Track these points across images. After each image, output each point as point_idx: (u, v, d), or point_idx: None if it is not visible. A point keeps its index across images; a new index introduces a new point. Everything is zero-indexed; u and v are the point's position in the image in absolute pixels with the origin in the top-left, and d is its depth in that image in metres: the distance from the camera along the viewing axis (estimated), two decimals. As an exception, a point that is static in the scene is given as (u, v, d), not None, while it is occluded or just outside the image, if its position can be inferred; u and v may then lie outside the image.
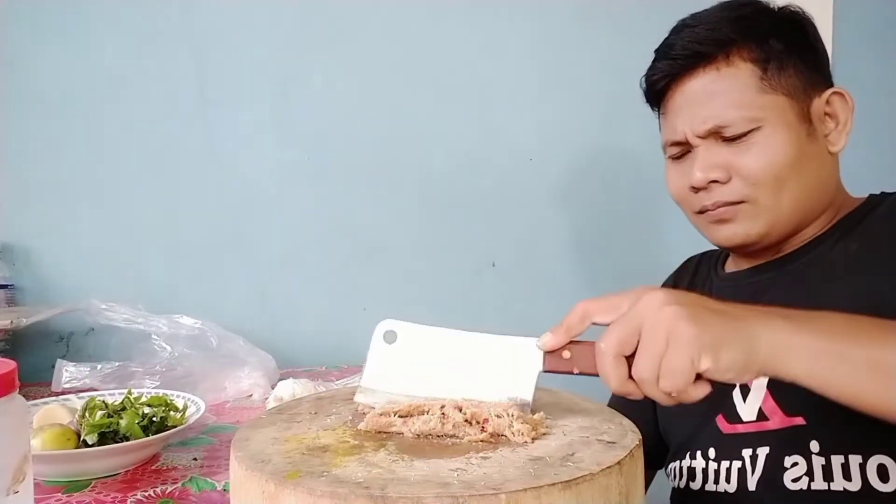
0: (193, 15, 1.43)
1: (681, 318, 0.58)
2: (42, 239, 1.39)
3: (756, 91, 0.86)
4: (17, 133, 1.38)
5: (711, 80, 0.88)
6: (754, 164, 0.85)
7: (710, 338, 0.59)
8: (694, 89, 0.89)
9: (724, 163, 0.87)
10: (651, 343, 0.59)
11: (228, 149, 1.46)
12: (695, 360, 0.58)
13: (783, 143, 0.86)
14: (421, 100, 1.52)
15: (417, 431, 0.62)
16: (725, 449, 0.86)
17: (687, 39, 0.90)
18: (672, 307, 0.59)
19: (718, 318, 0.60)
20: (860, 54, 1.64)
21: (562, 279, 1.55)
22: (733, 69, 0.87)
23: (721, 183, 0.87)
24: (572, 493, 0.51)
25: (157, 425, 0.88)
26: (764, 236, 0.88)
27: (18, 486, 0.57)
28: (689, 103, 0.90)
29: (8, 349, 1.24)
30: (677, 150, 0.93)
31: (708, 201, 0.89)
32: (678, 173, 0.94)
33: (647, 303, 0.60)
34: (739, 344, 0.60)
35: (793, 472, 0.79)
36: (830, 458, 0.77)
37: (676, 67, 0.90)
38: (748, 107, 0.86)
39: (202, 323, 1.21)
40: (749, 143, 0.86)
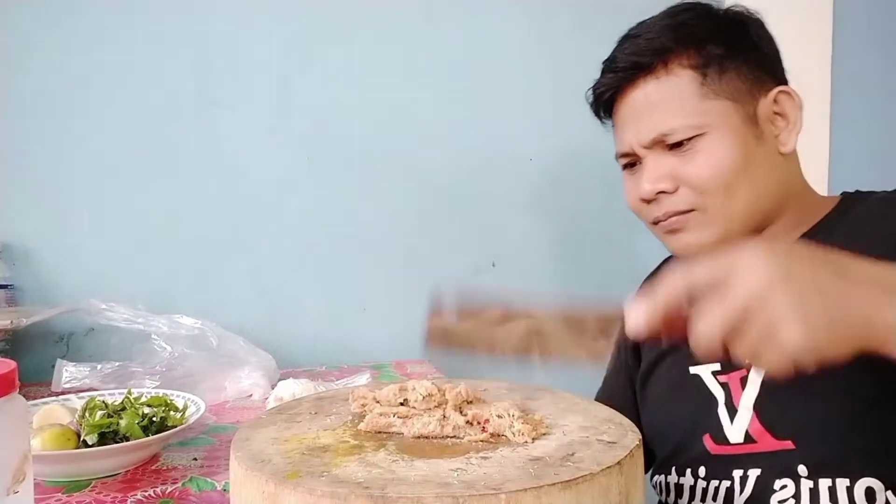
0: (193, 15, 1.43)
1: (789, 317, 0.51)
2: (42, 239, 1.39)
3: (697, 98, 0.86)
4: (17, 133, 1.38)
5: (652, 89, 0.88)
6: (701, 172, 0.85)
7: (817, 341, 0.52)
8: (637, 100, 0.89)
9: (671, 173, 0.86)
10: (753, 333, 0.52)
11: (228, 149, 1.46)
12: (796, 361, 0.52)
13: (729, 148, 0.84)
14: (421, 100, 1.52)
15: (417, 434, 0.62)
16: (715, 469, 0.85)
17: (627, 51, 0.90)
18: (781, 292, 0.51)
19: (831, 303, 0.52)
20: (860, 54, 1.65)
21: (562, 279, 1.55)
22: (673, 77, 0.87)
23: (669, 193, 0.87)
24: (572, 493, 0.51)
25: (157, 425, 0.88)
26: (718, 243, 0.86)
27: (19, 486, 0.57)
28: (633, 114, 0.90)
29: (8, 349, 1.24)
30: (627, 160, 0.93)
31: (658, 212, 0.89)
32: (632, 184, 0.93)
33: (753, 278, 0.52)
34: (848, 336, 0.53)
35: (780, 495, 0.78)
36: (818, 482, 0.76)
37: (618, 80, 0.91)
38: (690, 114, 0.85)
39: (202, 323, 1.21)
40: (694, 150, 0.85)
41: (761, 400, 0.82)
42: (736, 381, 0.85)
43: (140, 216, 1.43)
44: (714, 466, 0.85)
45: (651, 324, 0.57)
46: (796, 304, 0.51)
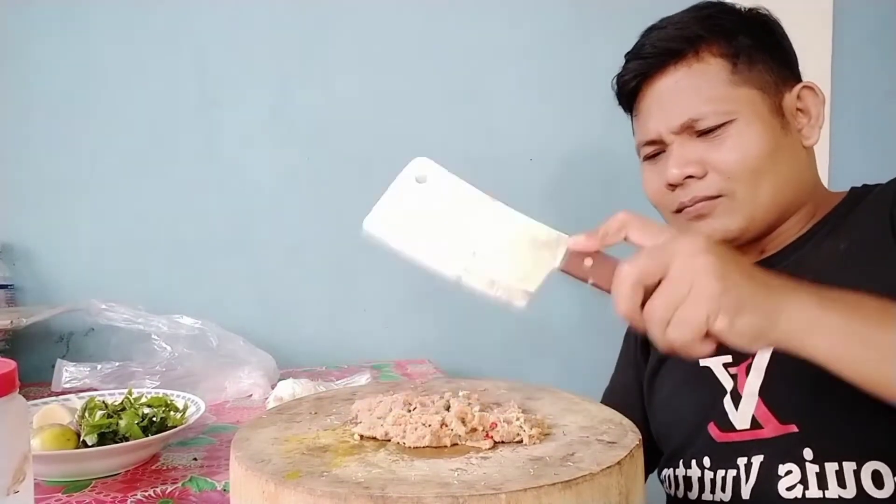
0: (193, 15, 1.43)
1: (710, 272, 0.58)
2: (42, 239, 1.39)
3: (727, 85, 0.87)
4: (17, 133, 1.38)
5: (682, 76, 0.89)
6: (730, 158, 0.85)
7: (733, 299, 0.58)
8: (666, 87, 0.90)
9: (699, 158, 0.87)
10: (673, 286, 0.59)
11: (228, 149, 1.46)
12: (710, 317, 0.58)
13: (757, 135, 0.86)
14: (421, 100, 1.52)
15: (412, 445, 0.60)
16: (720, 457, 0.85)
17: (656, 39, 0.91)
18: (706, 257, 0.59)
19: (747, 281, 0.60)
20: (860, 54, 1.65)
21: (561, 279, 1.55)
22: (703, 65, 0.88)
23: (697, 178, 0.87)
24: (572, 493, 0.51)
25: (157, 425, 0.88)
26: (743, 231, 0.87)
27: (19, 486, 0.57)
28: (661, 101, 0.90)
29: (8, 349, 1.24)
30: (651, 149, 0.93)
31: (685, 198, 0.88)
32: (653, 174, 0.93)
33: (685, 244, 0.60)
34: (760, 311, 0.59)
35: (787, 481, 0.78)
36: (824, 466, 0.76)
37: (647, 66, 0.91)
38: (720, 100, 0.86)
39: (202, 323, 1.21)
40: (723, 136, 0.86)
41: (766, 385, 0.82)
42: (743, 371, 0.85)
43: (140, 216, 1.43)
44: (718, 455, 0.85)
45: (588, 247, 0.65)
46: (719, 267, 0.58)
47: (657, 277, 0.60)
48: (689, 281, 0.58)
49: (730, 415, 0.85)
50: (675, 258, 0.59)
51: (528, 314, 1.42)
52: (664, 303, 0.59)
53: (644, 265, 0.60)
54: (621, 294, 0.61)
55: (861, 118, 1.65)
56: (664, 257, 0.60)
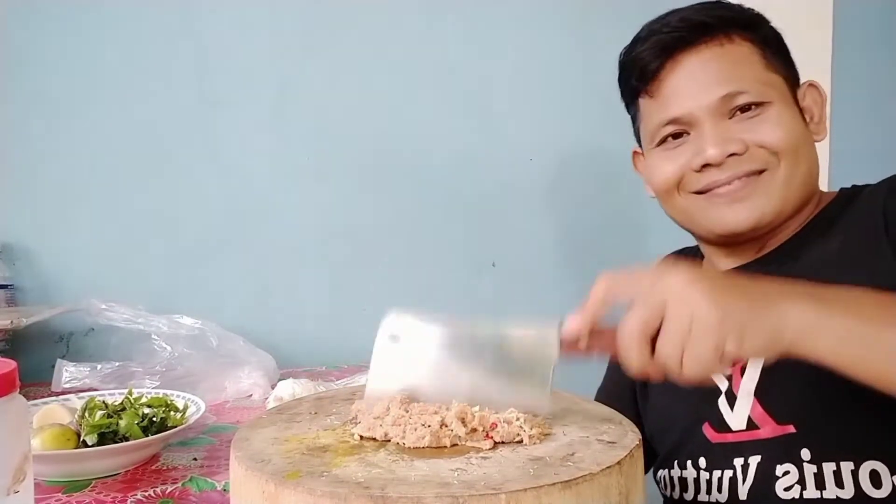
0: (193, 15, 1.43)
1: (705, 301, 0.58)
2: (42, 239, 1.39)
3: (762, 68, 0.86)
4: (17, 133, 1.38)
5: (714, 55, 0.86)
6: (775, 134, 0.84)
7: (735, 322, 0.58)
8: (697, 63, 0.87)
9: (738, 137, 0.84)
10: (674, 327, 0.58)
11: (228, 149, 1.46)
12: (719, 346, 0.58)
13: (792, 118, 0.86)
14: (421, 100, 1.52)
15: (412, 445, 0.60)
16: (716, 458, 0.85)
17: (682, 15, 0.88)
18: (696, 287, 0.58)
19: (743, 299, 0.59)
20: (860, 54, 1.64)
21: (562, 279, 1.55)
22: (735, 46, 0.87)
23: (738, 155, 0.84)
24: (572, 493, 0.51)
25: (157, 425, 0.88)
26: (776, 215, 0.86)
27: (19, 486, 0.57)
28: (693, 76, 0.87)
29: (8, 349, 1.24)
30: (673, 129, 0.89)
31: (721, 175, 0.85)
32: (668, 159, 0.90)
33: (671, 282, 0.59)
34: (765, 327, 0.59)
35: (785, 481, 0.78)
36: (822, 466, 0.76)
37: (674, 41, 0.87)
38: (759, 81, 0.85)
39: (202, 323, 1.21)
40: (763, 116, 0.85)
41: (762, 386, 0.82)
42: (738, 372, 0.85)
43: (140, 216, 1.43)
44: (714, 456, 0.85)
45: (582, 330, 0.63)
46: (712, 293, 0.58)
47: (657, 325, 0.59)
48: (688, 317, 0.58)
49: (725, 415, 0.84)
50: (668, 298, 0.59)
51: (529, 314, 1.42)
52: (671, 346, 0.59)
53: (642, 317, 0.59)
54: (631, 356, 0.60)
55: (861, 118, 1.65)
56: (657, 301, 0.59)
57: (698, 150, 0.86)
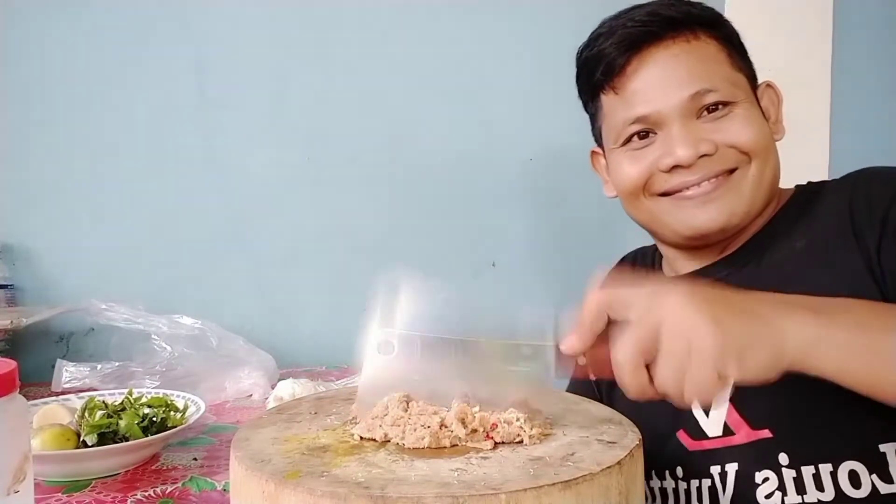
0: (193, 15, 1.43)
1: (703, 326, 0.56)
2: (42, 239, 1.39)
3: (729, 67, 0.85)
4: (17, 133, 1.38)
5: (681, 51, 0.84)
6: (745, 133, 0.82)
7: (735, 346, 0.57)
8: (664, 58, 0.84)
9: (707, 137, 0.82)
10: (673, 354, 0.57)
11: (228, 149, 1.46)
12: (720, 371, 0.56)
13: (759, 117, 0.85)
14: (421, 100, 1.52)
15: (412, 446, 0.60)
16: (693, 467, 0.83)
17: (649, 9, 0.85)
18: (692, 310, 0.57)
19: (741, 320, 0.58)
20: (860, 54, 1.64)
21: (562, 279, 1.55)
22: (702, 44, 0.84)
23: (709, 156, 0.82)
24: (572, 493, 0.51)
25: (157, 425, 0.88)
26: (746, 216, 0.84)
27: (19, 486, 0.57)
28: (661, 72, 0.84)
29: (8, 349, 1.24)
30: (638, 127, 0.85)
31: (692, 176, 0.83)
32: (634, 160, 0.87)
33: (667, 305, 0.58)
34: (765, 347, 0.58)
35: (765, 488, 0.77)
36: (801, 470, 0.75)
37: (642, 36, 0.84)
38: (727, 79, 0.84)
39: (202, 323, 1.21)
40: (730, 116, 0.83)
41: (736, 390, 0.80)
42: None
43: (140, 216, 1.43)
44: (691, 464, 0.84)
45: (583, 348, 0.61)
46: (709, 316, 0.57)
47: (654, 350, 0.58)
48: (685, 344, 0.56)
49: (701, 422, 0.83)
50: (663, 323, 0.57)
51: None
52: (671, 373, 0.57)
53: (636, 344, 0.58)
54: (626, 382, 0.59)
55: (861, 118, 1.65)
56: (652, 327, 0.57)
57: (667, 150, 0.83)
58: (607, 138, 0.92)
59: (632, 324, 0.59)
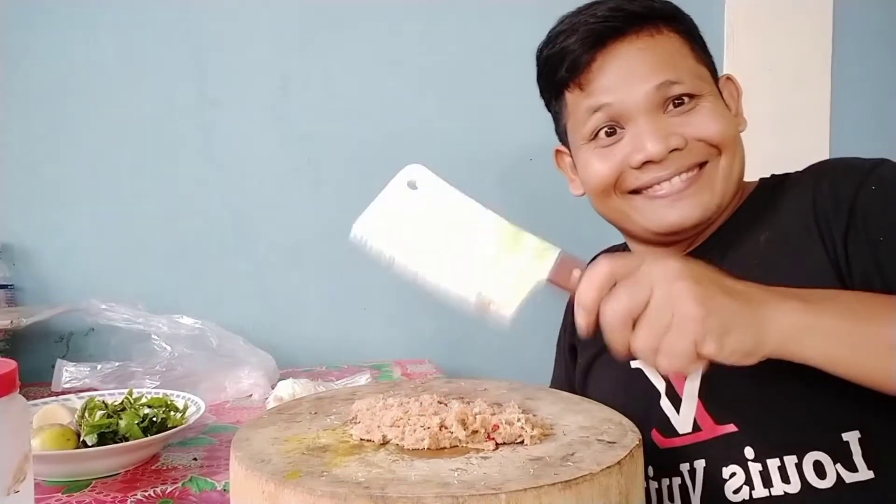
0: (193, 15, 1.43)
1: (690, 297, 0.57)
2: (42, 239, 1.39)
3: (693, 60, 0.85)
4: (17, 133, 1.38)
5: (645, 45, 0.83)
6: (712, 127, 0.82)
7: (717, 322, 0.58)
8: (628, 53, 0.83)
9: (675, 131, 0.81)
10: (655, 318, 0.58)
11: (228, 149, 1.46)
12: (698, 344, 0.57)
13: (724, 111, 0.85)
14: (421, 99, 1.52)
15: (411, 447, 0.60)
16: (663, 466, 0.83)
17: (612, 5, 0.84)
18: (685, 283, 0.58)
19: (730, 300, 0.59)
20: (860, 54, 1.64)
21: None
22: (665, 38, 0.84)
23: (679, 150, 0.81)
24: (572, 493, 0.51)
25: (158, 425, 0.88)
26: (716, 210, 0.84)
27: (19, 486, 0.57)
28: (627, 66, 0.83)
29: (8, 349, 1.24)
30: (605, 120, 0.84)
31: (663, 171, 0.82)
32: (603, 157, 0.85)
33: (661, 272, 0.59)
34: (748, 328, 0.59)
35: (732, 483, 0.77)
36: (766, 463, 0.75)
37: (606, 31, 0.83)
38: (692, 72, 0.84)
39: (202, 323, 1.21)
40: (697, 109, 0.82)
41: (704, 386, 0.81)
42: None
43: (140, 216, 1.43)
44: (661, 463, 0.83)
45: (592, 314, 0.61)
46: (699, 290, 0.58)
47: (640, 311, 0.59)
48: (670, 309, 0.58)
49: (672, 419, 0.82)
50: (654, 288, 0.58)
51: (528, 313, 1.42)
52: (649, 336, 0.58)
53: (626, 304, 0.59)
54: (611, 336, 0.60)
55: (861, 118, 1.65)
56: (643, 290, 0.58)
57: (637, 146, 0.82)
58: (574, 136, 0.90)
59: (626, 284, 0.60)
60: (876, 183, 0.75)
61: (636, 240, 0.93)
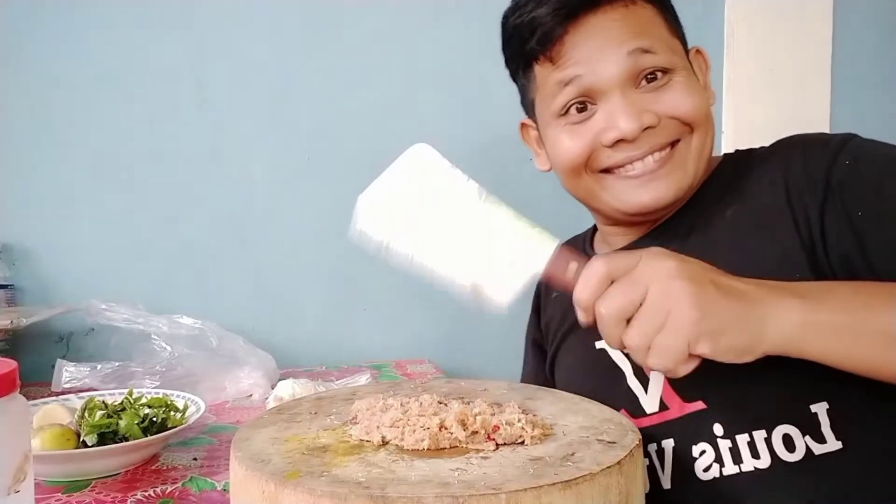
0: (193, 15, 1.43)
1: (685, 298, 0.58)
2: (42, 239, 1.39)
3: (667, 32, 0.83)
4: (17, 133, 1.38)
5: (621, 15, 0.80)
6: (685, 102, 0.80)
7: (712, 323, 0.58)
8: (605, 23, 0.80)
9: (648, 107, 0.79)
10: (649, 314, 0.58)
11: (228, 149, 1.46)
12: (691, 344, 0.58)
13: (697, 85, 0.83)
14: (421, 99, 1.52)
15: (411, 447, 0.60)
16: None
17: None
18: (680, 282, 0.58)
19: (726, 300, 0.59)
20: (860, 54, 1.65)
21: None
22: (640, 7, 0.81)
23: (652, 128, 0.79)
24: (572, 493, 0.51)
25: (158, 425, 0.88)
26: (689, 190, 0.83)
27: (19, 486, 0.57)
28: (599, 37, 0.79)
29: (8, 349, 1.24)
30: (576, 94, 0.81)
31: (636, 150, 0.80)
32: (574, 135, 0.83)
33: (657, 271, 0.59)
34: (744, 329, 0.59)
35: (702, 462, 0.76)
36: (735, 439, 0.74)
37: (579, 2, 0.80)
38: (667, 44, 0.81)
39: (202, 323, 1.21)
40: (670, 84, 0.80)
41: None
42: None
43: (140, 216, 1.43)
44: None
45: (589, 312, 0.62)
46: (695, 290, 0.58)
47: (635, 309, 0.59)
48: (665, 308, 0.58)
49: (640, 399, 0.81)
50: (650, 286, 0.59)
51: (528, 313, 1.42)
52: (640, 332, 0.59)
53: (620, 303, 0.59)
54: (605, 332, 0.61)
55: (861, 118, 1.65)
56: (638, 288, 0.59)
57: (610, 123, 0.80)
58: (543, 111, 0.87)
59: (621, 282, 0.60)
60: (849, 157, 0.75)
61: (604, 218, 0.92)
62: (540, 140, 0.93)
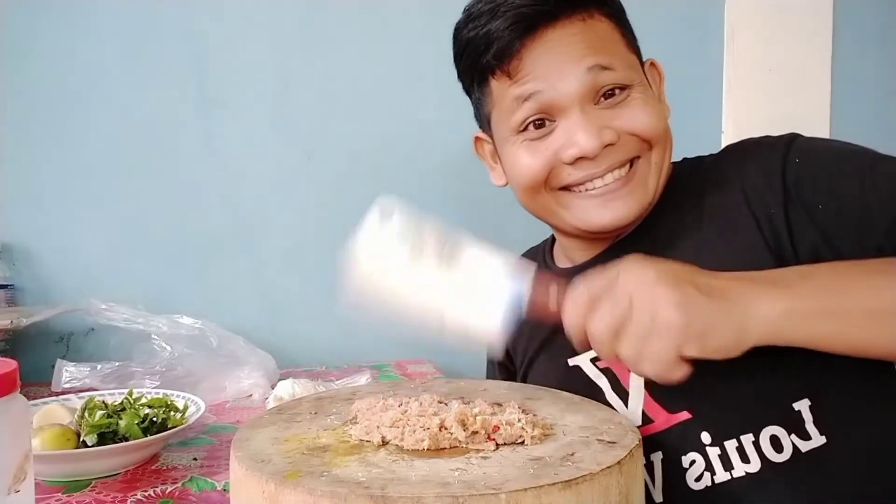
0: (193, 15, 1.43)
1: (667, 303, 0.58)
2: (42, 239, 1.39)
3: (624, 47, 0.81)
4: (17, 133, 1.38)
5: (579, 30, 0.78)
6: (644, 119, 0.78)
7: (698, 327, 0.59)
8: (562, 38, 0.78)
9: (607, 124, 0.78)
10: (635, 324, 0.59)
11: (228, 148, 1.46)
12: (680, 349, 0.59)
13: (654, 100, 0.82)
14: (421, 100, 1.52)
15: (411, 448, 0.60)
16: None
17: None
18: (662, 288, 0.59)
19: (707, 300, 0.59)
20: (860, 54, 1.65)
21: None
22: (597, 22, 0.79)
23: (612, 145, 0.78)
24: (572, 493, 0.51)
25: (158, 425, 0.88)
26: (649, 207, 0.82)
27: (19, 486, 0.57)
28: (557, 52, 0.77)
29: (8, 349, 1.24)
30: (535, 109, 0.79)
31: (597, 168, 0.79)
32: (533, 152, 0.81)
33: (637, 279, 0.60)
34: (729, 327, 0.60)
35: (693, 471, 0.76)
36: (724, 446, 0.74)
37: (537, 15, 0.77)
38: (624, 59, 0.80)
39: (202, 323, 1.21)
40: (628, 101, 0.79)
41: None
42: (623, 367, 0.76)
43: (140, 216, 1.43)
44: None
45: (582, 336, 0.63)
46: (676, 294, 0.59)
47: (625, 320, 0.60)
48: (649, 316, 0.59)
49: (619, 412, 0.80)
50: (633, 296, 0.60)
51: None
52: (630, 342, 0.60)
53: (610, 317, 0.60)
54: (601, 353, 0.62)
55: (861, 118, 1.65)
56: (623, 299, 0.60)
57: (570, 140, 0.78)
58: (499, 126, 0.85)
59: (605, 297, 0.61)
60: (798, 156, 0.76)
61: (564, 234, 0.91)
62: (495, 154, 0.91)
